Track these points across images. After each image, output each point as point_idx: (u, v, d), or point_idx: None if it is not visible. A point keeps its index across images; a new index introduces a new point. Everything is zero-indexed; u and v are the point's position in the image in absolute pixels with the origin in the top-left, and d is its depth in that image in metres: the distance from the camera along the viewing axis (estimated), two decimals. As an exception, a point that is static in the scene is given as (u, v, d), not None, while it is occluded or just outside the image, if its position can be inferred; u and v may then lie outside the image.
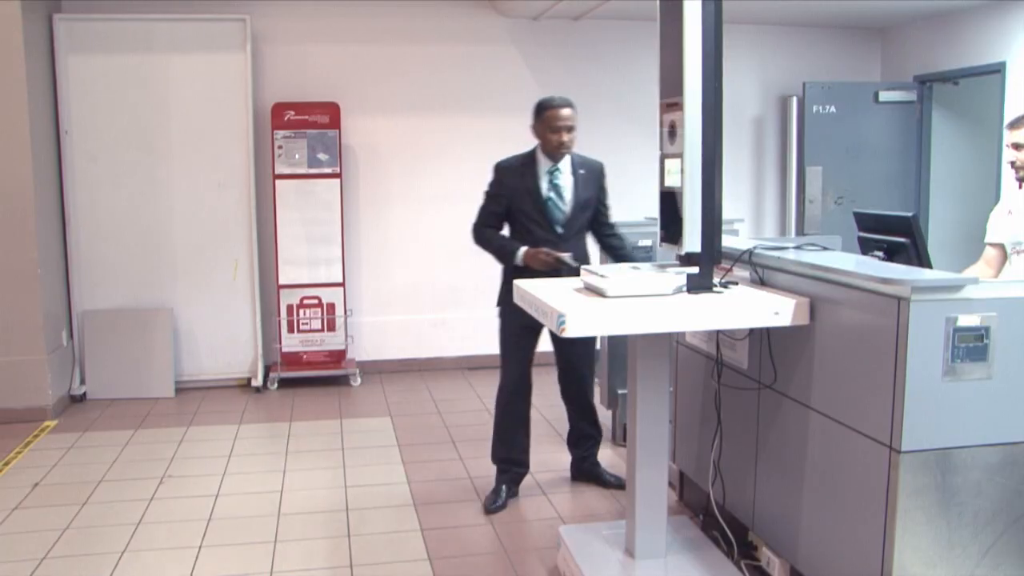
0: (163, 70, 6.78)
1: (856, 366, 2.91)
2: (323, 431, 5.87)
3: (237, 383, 7.04)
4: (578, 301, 3.15)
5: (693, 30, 3.06)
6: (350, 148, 7.30)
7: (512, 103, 7.13)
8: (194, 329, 6.96)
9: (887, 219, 3.76)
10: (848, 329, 2.96)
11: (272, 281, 7.06)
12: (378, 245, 7.34)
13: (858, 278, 2.89)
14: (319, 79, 7.21)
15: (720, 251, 3.22)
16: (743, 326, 3.35)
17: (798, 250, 3.54)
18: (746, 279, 3.55)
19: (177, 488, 4.85)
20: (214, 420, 6.15)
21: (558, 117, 4.32)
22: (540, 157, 4.39)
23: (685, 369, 4.29)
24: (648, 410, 3.40)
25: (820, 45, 8.14)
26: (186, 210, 6.90)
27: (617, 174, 7.73)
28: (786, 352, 3.32)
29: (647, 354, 3.37)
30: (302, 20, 7.18)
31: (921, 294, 2.64)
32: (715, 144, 3.12)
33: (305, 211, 7.00)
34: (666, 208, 3.30)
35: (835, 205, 7.77)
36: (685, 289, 3.18)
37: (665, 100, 3.26)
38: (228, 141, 6.88)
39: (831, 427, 3.05)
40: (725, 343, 3.75)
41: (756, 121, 8.15)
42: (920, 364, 2.66)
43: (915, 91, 7.78)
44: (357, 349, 7.34)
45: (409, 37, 7.32)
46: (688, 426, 4.27)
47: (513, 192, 4.33)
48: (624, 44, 7.66)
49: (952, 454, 2.72)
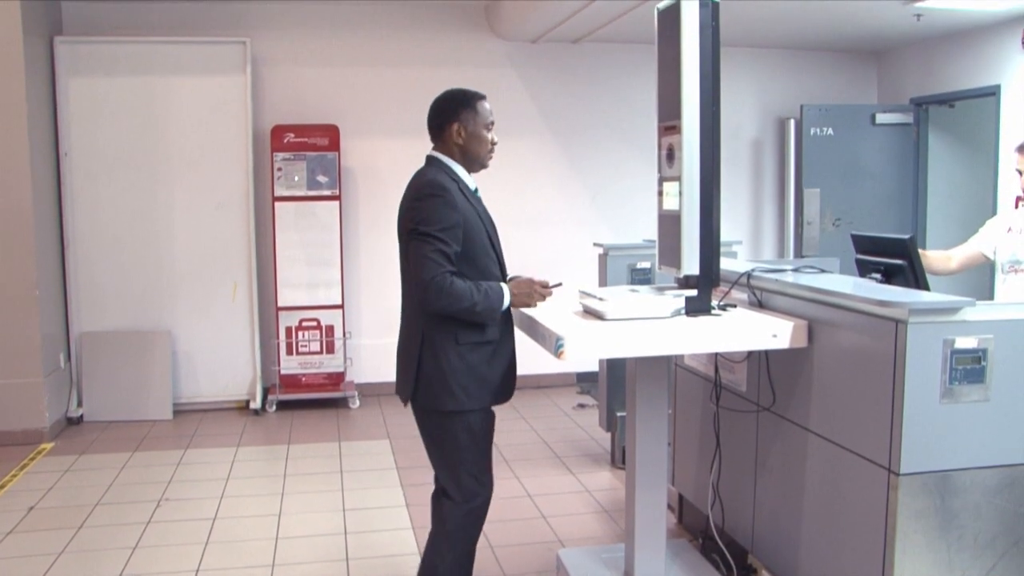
0: (163, 93, 6.81)
1: (854, 388, 2.91)
2: (321, 454, 5.85)
3: (235, 405, 7.02)
4: (576, 324, 3.13)
5: (691, 53, 3.07)
6: (349, 170, 7.32)
7: (511, 126, 7.16)
8: (192, 351, 6.95)
9: (884, 241, 3.77)
10: (846, 352, 2.96)
11: (271, 303, 7.06)
12: (377, 267, 7.34)
13: (856, 301, 2.89)
14: (318, 102, 7.25)
15: (718, 274, 3.21)
16: (741, 349, 3.35)
17: (796, 272, 3.54)
18: (744, 302, 3.54)
19: (174, 511, 4.83)
20: (212, 443, 6.13)
21: (490, 112, 3.25)
22: (460, 171, 3.20)
23: (684, 392, 4.28)
24: (647, 433, 3.38)
25: (817, 68, 8.19)
26: (185, 232, 6.91)
27: (617, 196, 7.83)
28: (785, 375, 3.32)
29: (646, 377, 3.35)
30: (302, 43, 7.22)
31: (919, 316, 2.65)
32: (713, 167, 3.13)
33: (304, 233, 7.01)
34: (665, 231, 3.30)
35: (833, 227, 7.79)
36: (684, 312, 3.17)
37: (663, 123, 3.28)
38: (228, 163, 6.90)
39: (830, 450, 3.05)
40: (724, 366, 3.74)
41: (754, 143, 8.18)
42: (918, 386, 2.66)
43: (911, 113, 7.81)
44: (356, 371, 7.33)
45: (408, 60, 7.36)
46: (687, 449, 4.25)
47: (467, 221, 3.07)
48: (623, 67, 7.70)
49: (951, 476, 2.72)
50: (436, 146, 3.21)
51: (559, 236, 7.69)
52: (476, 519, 3.23)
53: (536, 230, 7.61)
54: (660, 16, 3.25)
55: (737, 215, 8.08)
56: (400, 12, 7.32)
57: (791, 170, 7.97)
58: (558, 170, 7.73)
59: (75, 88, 6.68)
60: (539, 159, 7.68)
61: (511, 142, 7.10)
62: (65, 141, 6.66)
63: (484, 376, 3.12)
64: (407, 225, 3.03)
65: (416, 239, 2.98)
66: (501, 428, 5.94)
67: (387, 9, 7.30)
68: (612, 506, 4.82)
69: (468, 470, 3.15)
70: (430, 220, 2.98)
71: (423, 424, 3.21)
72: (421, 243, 2.97)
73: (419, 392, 3.12)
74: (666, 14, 3.20)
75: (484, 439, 3.19)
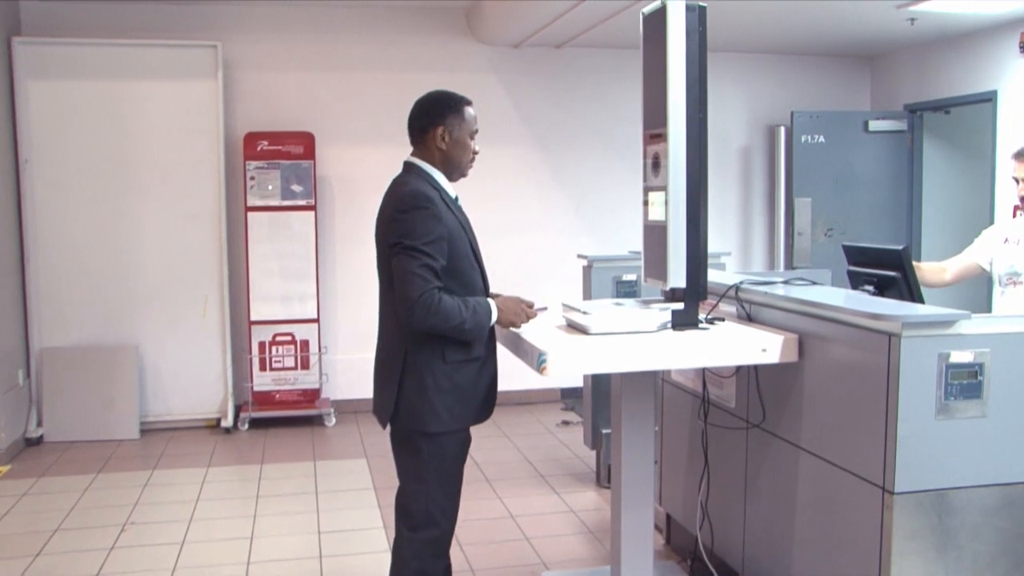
0: (130, 97, 6.77)
1: (847, 404, 2.91)
2: (296, 473, 5.81)
3: (206, 424, 6.97)
4: (559, 338, 3.13)
5: (677, 58, 3.08)
6: (325, 179, 7.30)
7: (492, 133, 7.14)
8: (161, 367, 6.90)
9: (877, 252, 3.78)
10: (838, 366, 2.96)
11: (243, 317, 7.02)
12: (354, 280, 7.31)
13: (848, 314, 2.89)
14: (293, 108, 7.22)
15: (706, 286, 3.21)
16: (730, 363, 3.35)
17: (786, 285, 3.55)
18: (733, 315, 3.55)
19: (140, 536, 4.77)
20: (181, 463, 6.08)
21: (475, 119, 3.21)
22: (440, 179, 3.17)
23: (671, 408, 4.27)
24: (633, 450, 3.38)
25: (808, 73, 8.24)
26: (153, 243, 6.87)
27: (602, 206, 7.84)
28: (775, 390, 3.32)
29: (631, 393, 3.35)
30: (276, 47, 7.21)
31: (912, 330, 2.65)
32: (700, 176, 3.14)
33: (278, 244, 6.98)
34: (650, 242, 3.30)
35: (825, 237, 7.82)
36: (670, 326, 3.17)
37: (649, 131, 3.28)
38: (198, 171, 6.86)
39: (822, 468, 3.04)
40: (712, 381, 3.74)
41: (743, 151, 8.21)
42: (912, 402, 2.66)
43: (906, 120, 7.87)
44: (332, 388, 7.30)
45: (387, 65, 7.36)
46: (674, 467, 4.25)
47: (451, 232, 3.03)
48: (608, 72, 7.72)
49: (948, 495, 2.72)
50: (416, 151, 3.18)
51: (541, 247, 7.68)
52: (435, 553, 3.15)
53: (517, 241, 7.61)
54: (646, 20, 3.26)
55: (725, 226, 8.10)
56: (378, 15, 7.32)
57: (781, 179, 8.00)
58: (540, 178, 7.74)
59: (36, 92, 6.63)
60: (521, 167, 7.68)
61: (492, 149, 7.09)
62: (25, 148, 6.60)
63: (469, 395, 3.10)
64: (390, 238, 2.97)
65: (401, 254, 2.92)
66: (483, 446, 5.96)
67: (364, 12, 7.30)
68: (597, 527, 4.80)
69: (432, 496, 3.10)
70: (415, 233, 2.91)
71: (400, 445, 3.17)
72: (406, 258, 2.90)
73: (400, 413, 3.08)
74: (652, 18, 3.20)
75: (456, 464, 3.16)
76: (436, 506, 3.11)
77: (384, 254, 3.04)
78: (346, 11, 7.27)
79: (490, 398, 3.20)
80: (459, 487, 3.19)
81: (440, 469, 3.10)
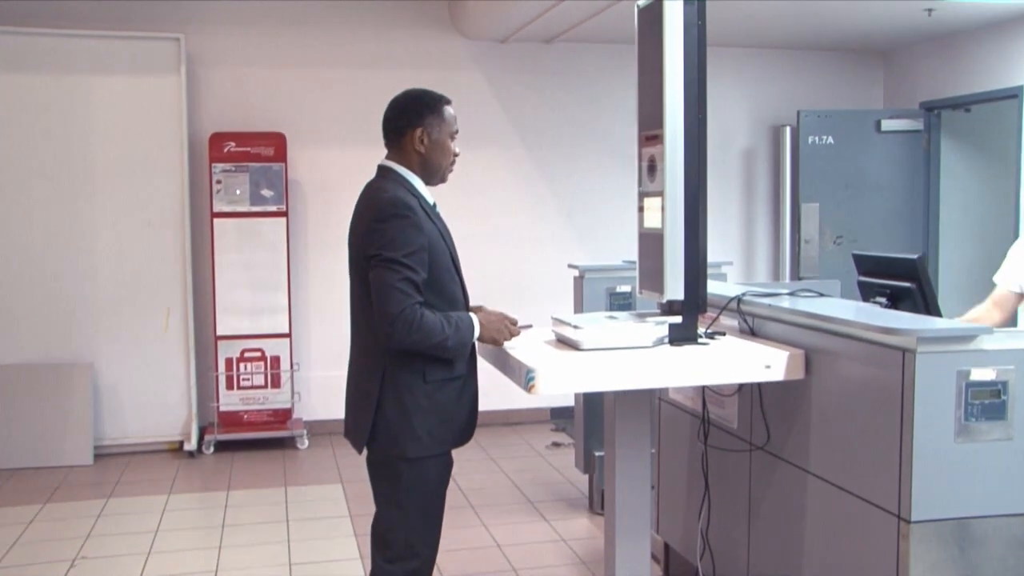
0: (84, 94, 6.74)
1: (858, 426, 2.90)
2: (265, 501, 5.78)
3: (167, 447, 6.93)
4: (548, 355, 3.12)
5: (674, 54, 3.08)
6: (297, 183, 7.28)
7: (477, 135, 7.16)
8: (118, 386, 6.85)
9: (890, 261, 3.78)
10: (848, 384, 2.95)
11: (209, 332, 7.00)
12: (328, 292, 7.28)
13: (858, 328, 2.89)
14: (263, 107, 7.21)
15: (705, 298, 3.21)
16: (731, 381, 3.35)
17: (792, 296, 3.55)
18: (735, 329, 3.55)
19: (92, 572, 4.73)
20: (139, 490, 6.04)
21: (455, 119, 3.21)
22: (418, 184, 3.15)
23: (669, 429, 4.27)
24: (628, 474, 3.37)
25: (816, 70, 8.27)
26: (110, 252, 6.83)
27: (594, 213, 7.85)
28: (780, 410, 3.31)
29: (626, 413, 3.35)
30: (244, 40, 7.20)
31: (928, 345, 2.64)
32: (699, 180, 3.14)
33: (247, 253, 6.97)
34: (646, 251, 3.30)
35: (834, 246, 7.84)
36: (667, 341, 3.17)
37: (644, 132, 3.27)
38: (159, 175, 6.84)
39: (832, 494, 3.03)
40: (712, 400, 3.74)
41: (746, 154, 8.23)
42: (930, 423, 2.65)
43: (922, 119, 7.89)
44: (305, 408, 7.28)
45: (363, 61, 7.36)
46: (673, 492, 4.24)
47: (431, 242, 3.02)
48: (602, 69, 7.74)
49: (970, 525, 2.70)
50: (391, 154, 3.17)
51: (529, 257, 7.68)
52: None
53: (503, 250, 7.61)
54: (641, 14, 3.26)
55: (727, 233, 8.11)
56: (354, 7, 7.33)
57: (787, 183, 8.02)
58: (529, 183, 7.74)
59: (-25, 85, 6.61)
60: (507, 171, 7.69)
61: (477, 151, 7.10)
62: (-36, 147, 6.58)
63: (451, 416, 3.09)
64: (367, 250, 2.95)
65: (379, 266, 2.91)
66: (467, 470, 5.95)
67: (339, 4, 7.31)
68: (590, 557, 4.79)
69: (412, 524, 3.09)
70: (395, 244, 2.90)
71: (378, 470, 3.16)
72: (386, 271, 2.89)
73: (377, 437, 3.07)
74: (647, 11, 3.21)
75: (438, 489, 3.15)
76: (416, 535, 3.09)
77: (359, 266, 3.03)
78: (320, 3, 7.27)
79: (472, 419, 3.20)
80: (441, 515, 3.17)
81: (420, 495, 3.08)
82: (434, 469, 3.10)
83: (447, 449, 3.13)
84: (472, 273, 3.27)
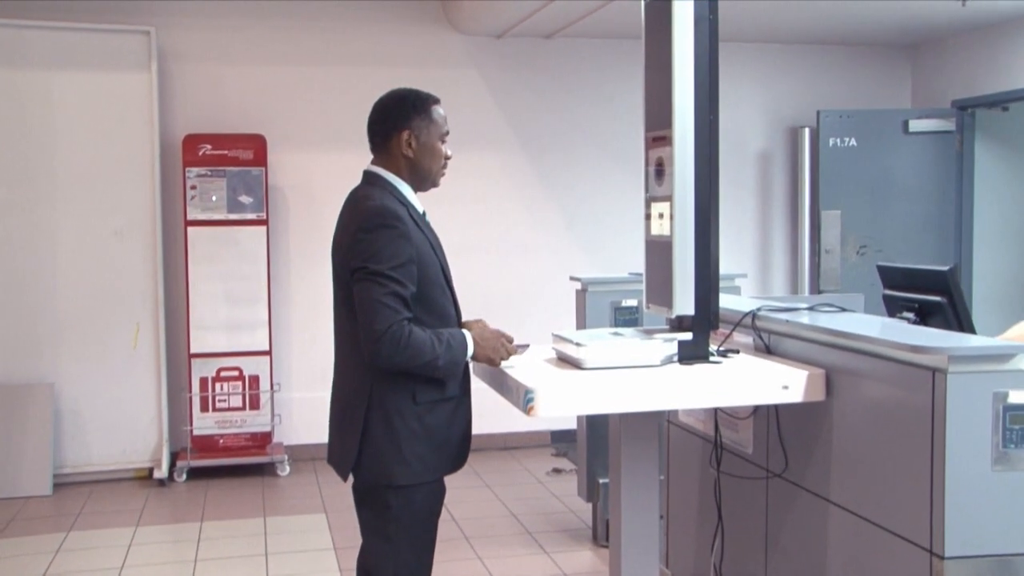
0: (44, 90, 6.74)
1: (885, 452, 2.88)
2: (242, 532, 5.78)
3: (135, 475, 6.92)
4: (549, 374, 3.13)
5: (684, 50, 3.09)
6: (278, 189, 7.29)
7: (471, 137, 7.17)
8: (81, 409, 6.83)
9: (919, 274, 3.78)
10: (873, 407, 2.94)
11: (182, 349, 6.99)
12: (312, 306, 7.29)
13: (884, 345, 2.88)
14: (241, 106, 7.22)
15: (718, 313, 3.22)
16: (746, 403, 3.34)
17: (812, 312, 3.55)
18: (749, 347, 3.55)
19: (55, 608, 4.74)
20: (104, 522, 6.01)
21: (445, 119, 3.22)
22: (407, 191, 3.16)
23: (678, 454, 4.27)
24: (634, 503, 3.37)
25: (838, 66, 8.28)
26: (74, 263, 6.82)
27: (598, 221, 7.84)
28: (799, 434, 3.30)
29: (632, 437, 3.34)
30: (221, 35, 7.21)
31: (961, 365, 2.62)
32: (711, 184, 3.14)
33: (223, 264, 6.97)
34: (653, 261, 3.30)
35: (857, 256, 7.84)
36: (676, 359, 3.17)
37: (651, 133, 3.27)
38: (128, 179, 6.84)
39: (857, 526, 3.02)
40: (725, 423, 3.73)
41: (761, 157, 8.23)
42: (964, 450, 2.63)
43: (954, 119, 7.89)
44: (285, 431, 7.27)
45: (350, 58, 7.37)
46: (683, 523, 4.24)
47: (420, 254, 3.03)
48: (606, 67, 7.75)
49: (1011, 563, 2.67)
50: (378, 159, 3.18)
51: (528, 268, 7.69)
52: None
53: (499, 262, 7.62)
54: (648, 7, 3.28)
55: (741, 243, 8.12)
56: (340, 1, 7.33)
57: (806, 189, 8.03)
58: (527, 189, 7.75)
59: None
60: (504, 175, 7.70)
61: (471, 155, 7.10)
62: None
63: (443, 440, 3.09)
64: (352, 262, 2.96)
65: (365, 280, 2.91)
66: (462, 499, 5.93)
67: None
68: (594, 594, 4.77)
69: (401, 558, 3.09)
70: (382, 256, 2.91)
71: (364, 499, 3.16)
72: (372, 285, 2.89)
73: (363, 464, 3.07)
74: (655, 5, 3.22)
75: (429, 520, 3.15)
76: (406, 569, 3.09)
77: (343, 279, 3.04)
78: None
79: (465, 443, 3.20)
80: (432, 547, 3.17)
81: (410, 526, 3.07)
82: (425, 498, 3.09)
83: (439, 476, 3.13)
84: (465, 287, 3.27)
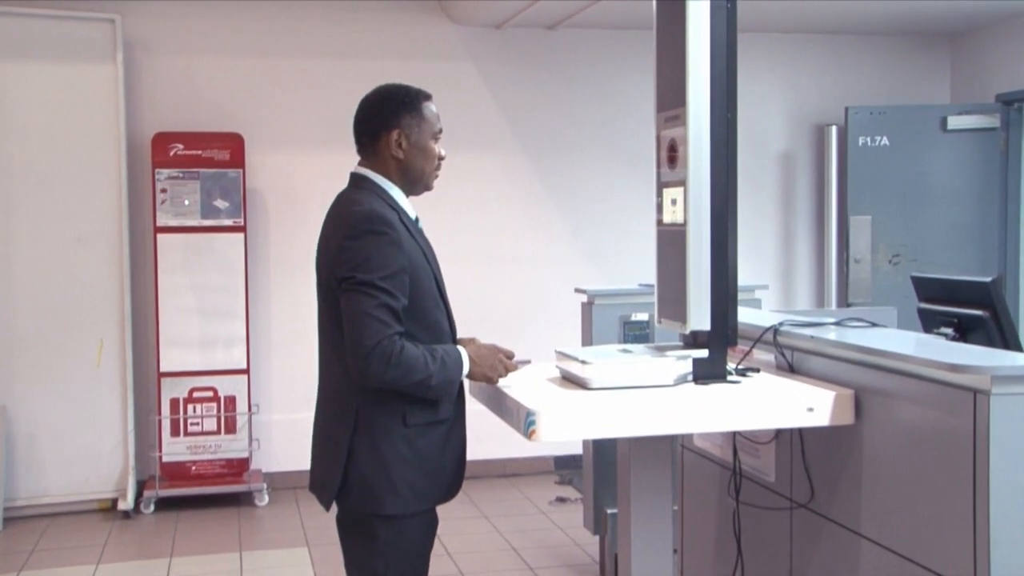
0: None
1: (921, 481, 2.88)
2: (216, 569, 5.77)
3: (98, 506, 6.90)
4: (553, 395, 3.14)
5: (699, 42, 3.12)
6: (257, 193, 7.30)
7: (468, 136, 7.19)
8: (36, 434, 6.80)
9: (958, 285, 3.78)
10: (907, 431, 2.94)
11: (150, 368, 6.99)
12: (293, 321, 7.28)
13: (919, 364, 2.88)
14: (217, 102, 7.24)
15: (736, 329, 3.23)
16: (768, 426, 3.36)
17: (839, 327, 3.56)
18: (771, 365, 3.55)
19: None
20: (60, 560, 5.98)
21: (437, 116, 3.23)
22: (398, 195, 3.18)
23: (693, 482, 4.27)
24: (646, 535, 3.38)
25: (869, 58, 8.29)
26: (30, 273, 6.80)
27: (605, 227, 7.84)
28: (826, 461, 3.31)
29: (643, 463, 3.36)
30: (194, 23, 7.22)
31: (1005, 385, 2.62)
32: (728, 167, 3.17)
33: (197, 275, 6.98)
34: (665, 254, 3.31)
35: (889, 266, 7.84)
36: (691, 378, 3.18)
37: (664, 114, 3.29)
38: (92, 181, 6.84)
39: (890, 561, 3.02)
40: (745, 448, 3.74)
41: (784, 158, 8.24)
42: (1008, 478, 2.63)
43: (998, 115, 7.88)
44: (264, 457, 7.27)
45: (336, 51, 7.39)
46: (699, 557, 4.24)
47: (413, 263, 3.03)
48: (613, 60, 7.78)
49: (1059, 601, 2.68)
50: (365, 160, 3.19)
51: (529, 280, 7.70)
52: None
53: (498, 272, 7.63)
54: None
55: (761, 252, 8.13)
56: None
57: (833, 192, 8.04)
58: (528, 193, 7.76)
59: None
60: (504, 178, 7.71)
61: (467, 155, 7.11)
62: None
63: (436, 466, 3.09)
64: (339, 271, 2.96)
65: (352, 291, 2.91)
66: (457, 530, 5.92)
67: (307, -17, 7.35)
68: (602, 637, 4.77)
69: None
70: (371, 265, 2.91)
71: (349, 533, 3.17)
72: (360, 296, 2.89)
73: (349, 492, 3.07)
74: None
75: (420, 553, 3.15)
76: None
77: (328, 290, 3.04)
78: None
79: (460, 470, 3.20)
80: None
81: (400, 561, 3.07)
82: (416, 529, 3.09)
83: (431, 506, 3.13)
84: (460, 299, 3.27)
